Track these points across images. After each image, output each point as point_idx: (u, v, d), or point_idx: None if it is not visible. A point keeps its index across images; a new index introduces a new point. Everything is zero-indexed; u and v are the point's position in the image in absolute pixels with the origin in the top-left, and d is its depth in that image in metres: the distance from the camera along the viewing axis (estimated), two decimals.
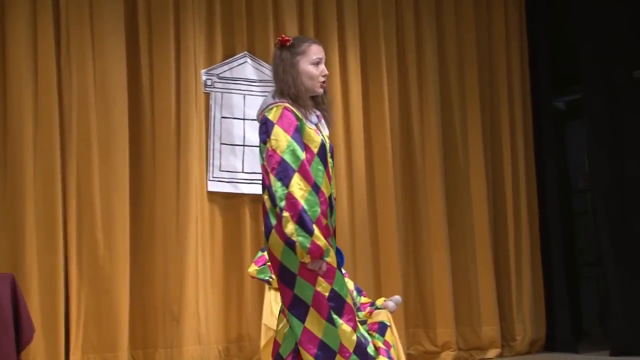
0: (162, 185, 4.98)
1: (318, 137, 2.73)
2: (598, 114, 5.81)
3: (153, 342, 4.87)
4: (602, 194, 5.78)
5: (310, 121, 2.76)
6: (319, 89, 2.81)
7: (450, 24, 5.86)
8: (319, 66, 2.81)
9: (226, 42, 5.26)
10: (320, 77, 2.80)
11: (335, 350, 2.66)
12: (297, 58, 2.80)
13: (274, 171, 2.65)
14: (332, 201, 2.75)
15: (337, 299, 2.66)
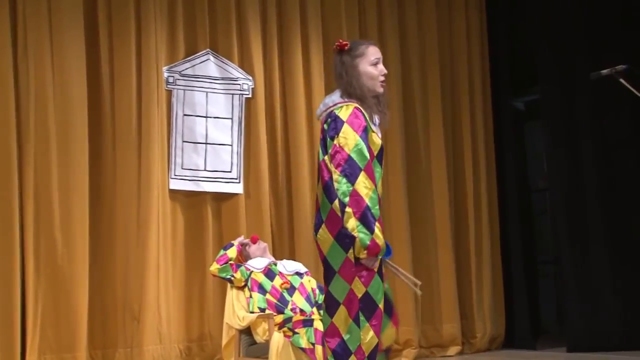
0: (122, 183, 4.92)
1: (379, 140, 2.84)
2: (556, 114, 5.91)
3: (113, 342, 4.81)
4: (560, 193, 5.89)
5: (374, 123, 2.87)
6: (380, 88, 2.90)
7: (412, 24, 5.90)
8: (377, 66, 2.90)
9: (188, 39, 5.22)
10: (380, 77, 2.90)
11: (352, 351, 2.74)
12: (357, 60, 2.90)
13: (339, 167, 2.74)
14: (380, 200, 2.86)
15: (369, 302, 2.73)
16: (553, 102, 5.93)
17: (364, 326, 2.72)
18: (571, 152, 5.85)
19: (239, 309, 4.36)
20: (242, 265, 4.49)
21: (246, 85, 5.34)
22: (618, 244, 5.72)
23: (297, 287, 4.44)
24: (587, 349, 5.55)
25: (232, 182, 5.24)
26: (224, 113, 5.29)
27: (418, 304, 5.63)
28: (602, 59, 5.34)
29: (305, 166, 5.40)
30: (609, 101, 5.74)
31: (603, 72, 4.73)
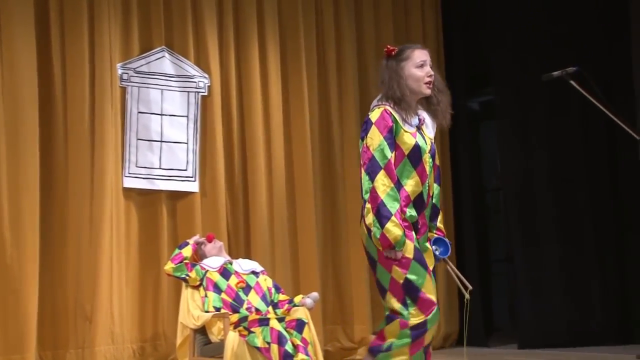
0: (74, 181, 4.84)
1: (412, 139, 2.95)
2: (509, 114, 6.02)
3: (64, 343, 4.73)
4: (513, 192, 6.00)
5: (409, 124, 2.97)
6: (425, 89, 3.01)
7: (369, 25, 5.94)
8: (423, 68, 3.00)
9: (143, 36, 5.16)
10: (426, 78, 3.00)
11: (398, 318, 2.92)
12: (403, 64, 3.02)
13: (364, 166, 2.95)
14: (423, 198, 2.98)
15: (410, 287, 2.89)
16: (507, 102, 6.04)
17: (411, 309, 2.89)
18: (524, 152, 5.96)
19: (193, 308, 4.33)
20: (197, 264, 4.46)
21: (202, 83, 5.30)
22: (569, 243, 5.85)
23: (253, 286, 4.43)
24: (537, 346, 5.67)
25: (188, 180, 5.20)
26: (180, 111, 5.24)
27: (374, 302, 5.67)
28: (554, 61, 5.46)
29: (261, 164, 5.39)
30: (560, 102, 5.86)
31: (554, 74, 4.82)
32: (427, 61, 3.03)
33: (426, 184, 2.98)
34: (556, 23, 5.96)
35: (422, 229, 3.00)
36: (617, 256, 5.80)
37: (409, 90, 3.00)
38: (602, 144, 5.85)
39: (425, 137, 3.03)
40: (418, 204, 2.96)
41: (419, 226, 2.98)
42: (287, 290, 4.98)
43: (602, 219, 5.83)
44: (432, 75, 3.01)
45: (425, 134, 3.04)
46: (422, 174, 2.96)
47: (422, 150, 2.97)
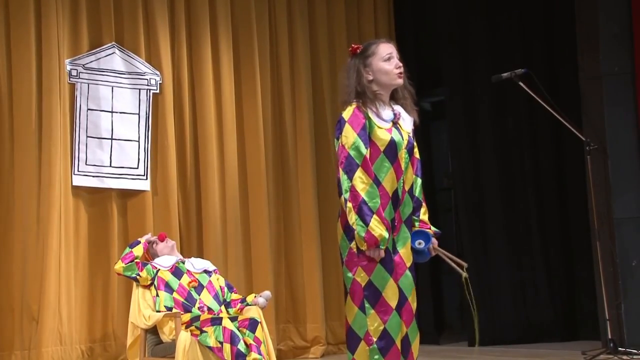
0: (21, 179, 4.73)
1: (387, 135, 2.92)
2: (459, 115, 6.12)
3: (9, 344, 4.62)
4: (463, 192, 6.09)
5: (382, 119, 2.95)
6: (396, 80, 3.00)
7: (323, 27, 5.96)
8: (391, 61, 3.00)
9: (92, 31, 5.07)
10: (395, 70, 2.99)
11: (361, 337, 2.89)
12: (369, 60, 3.00)
13: (342, 165, 2.91)
14: (398, 195, 2.94)
15: (373, 291, 2.86)
16: (457, 103, 6.13)
17: (369, 313, 2.86)
18: (474, 152, 6.06)
19: (144, 308, 4.28)
20: (149, 263, 4.41)
21: (153, 80, 5.24)
22: (517, 242, 5.97)
23: (205, 285, 4.40)
24: (487, 343, 5.76)
25: (139, 178, 5.14)
26: (131, 108, 5.17)
27: (327, 301, 5.69)
28: (503, 63, 5.57)
29: (214, 162, 5.36)
30: (509, 102, 5.98)
31: (504, 75, 4.94)
32: (394, 53, 3.02)
33: (401, 180, 2.96)
34: (505, 25, 6.08)
35: (397, 226, 2.97)
36: (563, 255, 5.94)
37: (380, 85, 2.99)
38: (550, 144, 5.98)
39: (403, 131, 2.99)
40: (394, 200, 2.94)
41: (395, 223, 2.96)
42: (240, 289, 4.96)
43: (549, 219, 5.96)
44: (401, 67, 3.00)
45: (403, 128, 3.00)
46: (397, 170, 2.94)
47: (399, 145, 2.94)
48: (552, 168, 5.99)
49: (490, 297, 5.90)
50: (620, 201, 5.02)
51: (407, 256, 2.98)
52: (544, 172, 5.99)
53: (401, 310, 2.91)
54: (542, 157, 5.99)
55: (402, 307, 2.92)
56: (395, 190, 2.94)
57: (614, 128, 5.07)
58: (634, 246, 4.99)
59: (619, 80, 5.09)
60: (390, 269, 2.89)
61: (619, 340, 4.80)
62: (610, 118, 5.08)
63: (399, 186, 2.95)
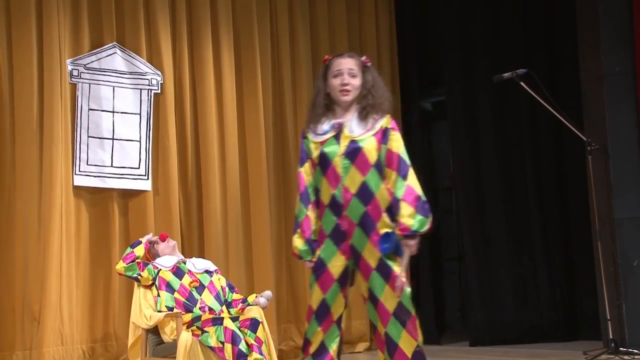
0: (22, 178, 4.73)
1: (318, 149, 3.03)
2: (460, 115, 6.12)
3: (10, 344, 4.61)
4: (464, 192, 6.09)
5: (316, 133, 3.05)
6: (341, 97, 3.04)
7: (324, 27, 5.96)
8: (337, 77, 3.05)
9: (94, 32, 5.07)
10: (340, 87, 3.04)
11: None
12: (327, 74, 3.09)
13: None
14: (338, 201, 2.97)
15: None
16: (458, 103, 6.13)
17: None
18: (475, 152, 6.06)
19: (146, 308, 4.28)
20: (150, 263, 4.41)
21: (155, 80, 5.24)
22: (518, 242, 5.97)
23: (207, 286, 4.40)
24: (488, 343, 5.76)
25: (140, 178, 5.14)
26: (132, 108, 5.17)
27: None
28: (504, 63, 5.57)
29: (215, 163, 5.36)
30: (510, 102, 5.98)
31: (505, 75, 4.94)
32: (345, 69, 3.04)
33: (339, 185, 2.97)
34: (506, 25, 6.08)
35: (349, 231, 2.96)
36: (564, 255, 5.94)
37: (332, 100, 3.07)
38: (550, 144, 5.99)
39: (344, 138, 3.00)
40: (334, 208, 2.97)
41: (342, 229, 2.96)
42: (241, 290, 4.96)
43: (550, 219, 5.96)
44: (347, 85, 3.03)
45: (345, 135, 3.01)
46: (331, 178, 2.98)
47: (330, 155, 2.99)
48: (553, 168, 5.99)
49: (491, 297, 5.90)
50: (621, 201, 5.02)
51: (372, 257, 2.94)
52: (545, 172, 5.98)
53: (377, 311, 2.94)
54: (543, 157, 5.99)
55: (375, 308, 2.94)
56: (332, 197, 2.98)
57: (615, 128, 5.07)
58: (634, 246, 4.99)
59: (620, 80, 5.09)
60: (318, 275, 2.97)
61: (620, 340, 4.80)
62: (611, 118, 5.08)
63: (338, 192, 2.97)
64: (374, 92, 3.07)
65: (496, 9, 6.09)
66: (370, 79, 3.10)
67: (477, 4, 6.10)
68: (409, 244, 2.95)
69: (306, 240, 3.00)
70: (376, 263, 2.94)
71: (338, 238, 2.97)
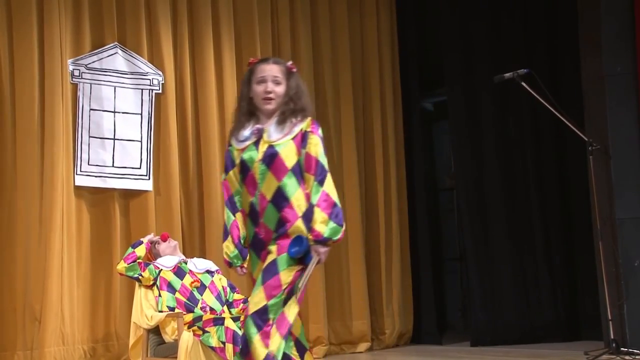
0: (24, 179, 4.73)
1: (239, 156, 2.97)
2: (461, 115, 6.11)
3: (11, 344, 4.61)
4: (465, 192, 6.09)
5: (238, 140, 2.99)
6: (263, 105, 2.97)
7: (325, 25, 5.96)
8: (261, 84, 2.97)
9: (95, 31, 5.07)
10: (263, 94, 2.96)
11: None
12: (251, 79, 3.02)
13: None
14: (255, 209, 2.92)
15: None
16: (459, 103, 6.13)
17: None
18: (476, 152, 6.06)
19: (147, 308, 4.28)
20: (151, 263, 4.41)
21: (156, 80, 5.24)
22: (519, 242, 5.97)
23: (208, 286, 4.40)
24: (489, 343, 5.76)
25: (141, 178, 5.14)
26: (133, 108, 5.17)
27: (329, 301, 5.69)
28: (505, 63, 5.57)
29: (216, 163, 5.36)
30: (511, 103, 5.98)
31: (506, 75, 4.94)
32: (269, 77, 2.96)
33: (256, 192, 2.91)
34: (507, 25, 6.08)
35: (265, 238, 2.90)
36: (565, 255, 5.93)
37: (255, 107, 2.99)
38: (552, 144, 5.98)
39: (263, 144, 2.94)
40: (253, 216, 2.92)
41: (260, 237, 2.91)
42: (242, 290, 4.95)
43: (551, 219, 5.96)
44: (271, 92, 2.95)
45: (264, 140, 2.94)
46: (249, 185, 2.93)
47: (249, 161, 2.93)
48: (554, 168, 5.99)
49: (492, 297, 5.90)
50: (622, 201, 5.01)
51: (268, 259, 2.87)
52: (546, 172, 5.98)
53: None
54: (544, 157, 5.99)
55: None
56: (251, 206, 2.93)
57: (616, 128, 5.07)
58: (636, 246, 4.98)
59: (622, 81, 5.09)
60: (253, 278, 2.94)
61: (621, 340, 4.79)
62: (612, 118, 5.08)
63: (255, 199, 2.92)
64: (296, 99, 2.99)
65: (497, 9, 6.09)
66: (294, 86, 3.01)
67: (478, 4, 6.10)
68: (320, 251, 2.85)
69: (236, 245, 2.94)
70: (266, 264, 2.85)
71: (258, 247, 2.91)
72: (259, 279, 2.83)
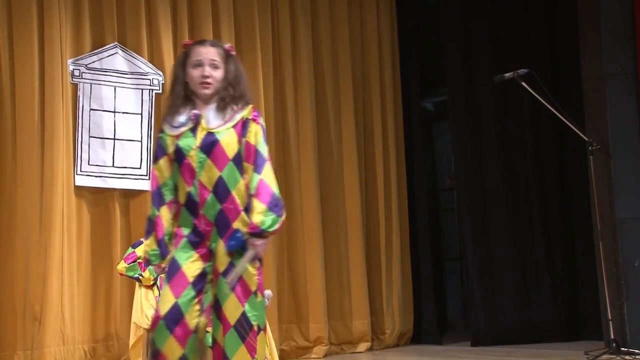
0: (24, 179, 4.73)
1: (173, 143, 2.80)
2: (462, 115, 6.11)
3: (11, 344, 4.61)
4: (466, 192, 6.09)
5: (172, 126, 2.81)
6: (200, 90, 2.81)
7: (325, 22, 5.96)
8: (198, 68, 2.81)
9: (95, 31, 5.07)
10: (200, 78, 2.80)
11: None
12: (186, 62, 2.85)
13: None
14: (194, 199, 2.75)
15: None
16: (460, 103, 6.12)
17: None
18: (477, 152, 6.05)
19: (147, 308, 4.28)
20: None
21: (156, 80, 5.24)
22: (520, 242, 5.96)
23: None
24: (490, 343, 5.76)
25: (141, 178, 5.14)
26: (133, 108, 5.17)
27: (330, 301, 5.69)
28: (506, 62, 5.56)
29: None
30: (511, 103, 5.98)
31: (506, 75, 4.93)
32: (206, 60, 2.80)
33: (195, 182, 2.74)
34: (507, 25, 6.07)
35: (206, 232, 2.74)
36: (565, 255, 5.93)
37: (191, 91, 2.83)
38: (552, 144, 5.98)
39: (201, 131, 2.77)
40: (191, 206, 2.75)
41: (199, 229, 2.74)
42: None
43: (552, 219, 5.95)
44: (207, 76, 2.79)
45: (202, 127, 2.78)
46: (186, 174, 2.76)
47: (185, 149, 2.75)
48: (555, 168, 5.98)
49: (493, 297, 5.89)
50: (622, 201, 5.01)
51: (222, 260, 2.72)
52: (547, 172, 5.98)
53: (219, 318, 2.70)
54: (545, 157, 5.98)
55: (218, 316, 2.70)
56: (188, 195, 2.75)
57: (616, 128, 5.06)
58: (636, 246, 4.98)
59: (622, 81, 5.08)
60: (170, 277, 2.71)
61: (621, 340, 4.79)
62: (612, 118, 5.07)
63: (194, 189, 2.74)
64: (235, 84, 2.83)
65: (498, 9, 6.08)
66: (233, 69, 2.85)
67: (479, 4, 6.09)
68: (256, 244, 2.70)
69: (158, 243, 2.77)
70: (223, 268, 2.71)
71: (195, 240, 2.74)
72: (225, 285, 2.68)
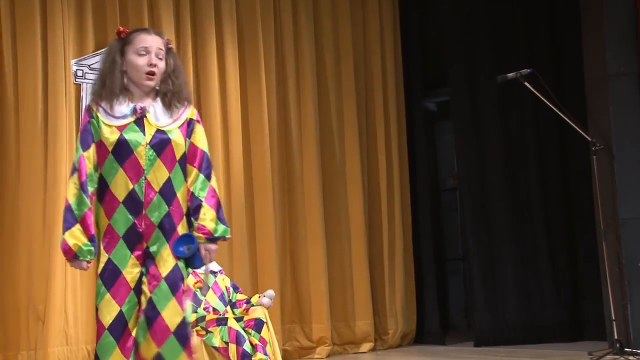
0: (27, 179, 4.73)
1: (115, 134, 2.65)
2: (464, 115, 6.11)
3: (14, 345, 4.61)
4: (468, 192, 6.09)
5: (113, 116, 2.66)
6: (146, 80, 2.70)
7: (327, 23, 5.97)
8: (144, 56, 2.69)
9: (98, 32, 5.07)
10: (146, 67, 2.68)
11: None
12: (125, 48, 2.71)
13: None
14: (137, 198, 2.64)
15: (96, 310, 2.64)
16: (462, 103, 6.13)
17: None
18: (479, 152, 6.06)
19: None
20: None
21: None
22: (522, 242, 5.96)
23: (211, 286, 4.40)
24: (492, 343, 5.76)
25: None
26: None
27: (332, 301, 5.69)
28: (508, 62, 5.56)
29: (219, 163, 5.36)
30: (514, 103, 5.98)
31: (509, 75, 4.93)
32: (153, 48, 2.69)
33: (141, 180, 2.63)
34: (510, 25, 6.07)
35: (146, 233, 2.63)
36: (569, 255, 5.92)
37: (131, 81, 2.70)
38: (555, 144, 5.98)
39: (149, 126, 2.67)
40: (132, 205, 2.62)
41: (139, 229, 2.63)
42: (245, 290, 4.96)
43: (555, 219, 5.95)
44: (155, 65, 2.68)
45: (149, 123, 2.68)
46: (130, 170, 2.63)
47: (133, 143, 2.63)
48: (558, 168, 5.98)
49: (496, 297, 5.89)
50: (625, 201, 5.00)
51: (165, 265, 2.62)
52: (549, 172, 5.97)
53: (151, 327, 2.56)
54: (548, 157, 5.98)
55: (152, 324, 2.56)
56: (130, 193, 2.62)
57: (619, 128, 5.06)
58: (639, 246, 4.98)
59: (625, 81, 5.08)
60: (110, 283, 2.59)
61: (625, 340, 4.78)
62: (615, 118, 5.07)
63: (139, 188, 2.63)
64: (174, 78, 2.75)
65: (500, 9, 6.08)
66: (172, 63, 2.77)
67: (481, 4, 6.10)
68: (211, 249, 2.69)
69: (90, 238, 2.61)
70: (168, 271, 2.61)
71: (133, 240, 2.63)
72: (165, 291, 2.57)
